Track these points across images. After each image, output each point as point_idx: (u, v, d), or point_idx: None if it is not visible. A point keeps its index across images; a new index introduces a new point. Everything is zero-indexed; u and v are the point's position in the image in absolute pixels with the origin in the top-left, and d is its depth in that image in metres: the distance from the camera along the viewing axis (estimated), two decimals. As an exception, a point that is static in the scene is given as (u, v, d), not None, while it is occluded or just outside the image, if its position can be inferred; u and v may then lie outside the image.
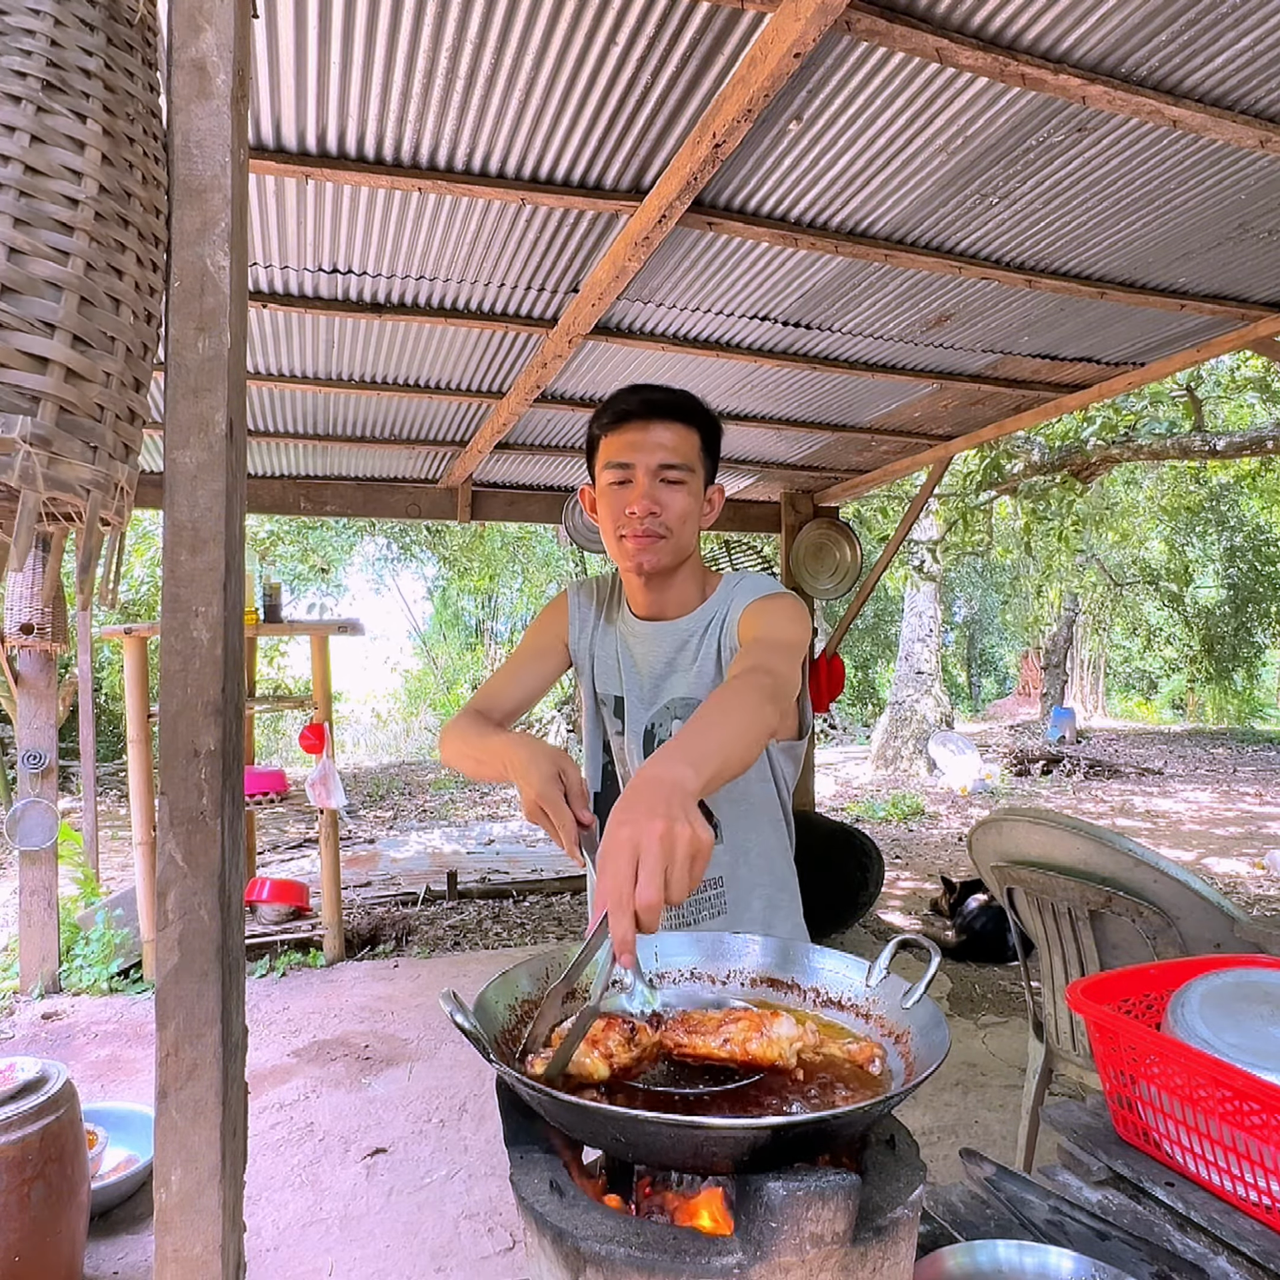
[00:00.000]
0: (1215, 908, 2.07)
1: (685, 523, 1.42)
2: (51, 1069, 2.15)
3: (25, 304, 0.72)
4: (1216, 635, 18.08)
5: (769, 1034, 0.86)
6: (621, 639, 1.53)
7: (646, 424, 1.39)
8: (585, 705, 1.56)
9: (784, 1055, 0.86)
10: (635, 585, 1.50)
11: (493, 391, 3.56)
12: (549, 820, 1.12)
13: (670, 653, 1.48)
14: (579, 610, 1.57)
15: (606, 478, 1.42)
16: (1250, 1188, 0.99)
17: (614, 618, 1.55)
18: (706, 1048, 0.87)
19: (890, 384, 3.57)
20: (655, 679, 1.48)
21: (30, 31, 0.74)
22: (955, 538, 9.56)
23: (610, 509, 1.43)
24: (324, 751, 4.57)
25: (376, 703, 17.22)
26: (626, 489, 1.40)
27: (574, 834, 1.11)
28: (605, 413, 1.44)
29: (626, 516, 1.40)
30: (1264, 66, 1.76)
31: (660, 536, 1.40)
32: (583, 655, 1.56)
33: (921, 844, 7.98)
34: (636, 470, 1.39)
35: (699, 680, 1.44)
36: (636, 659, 1.51)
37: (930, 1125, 3.10)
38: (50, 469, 0.72)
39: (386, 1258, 2.43)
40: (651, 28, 1.67)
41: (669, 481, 1.40)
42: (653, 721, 1.48)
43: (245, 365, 0.89)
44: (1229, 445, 6.53)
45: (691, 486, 1.42)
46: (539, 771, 1.14)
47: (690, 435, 1.42)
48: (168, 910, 0.79)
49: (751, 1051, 0.85)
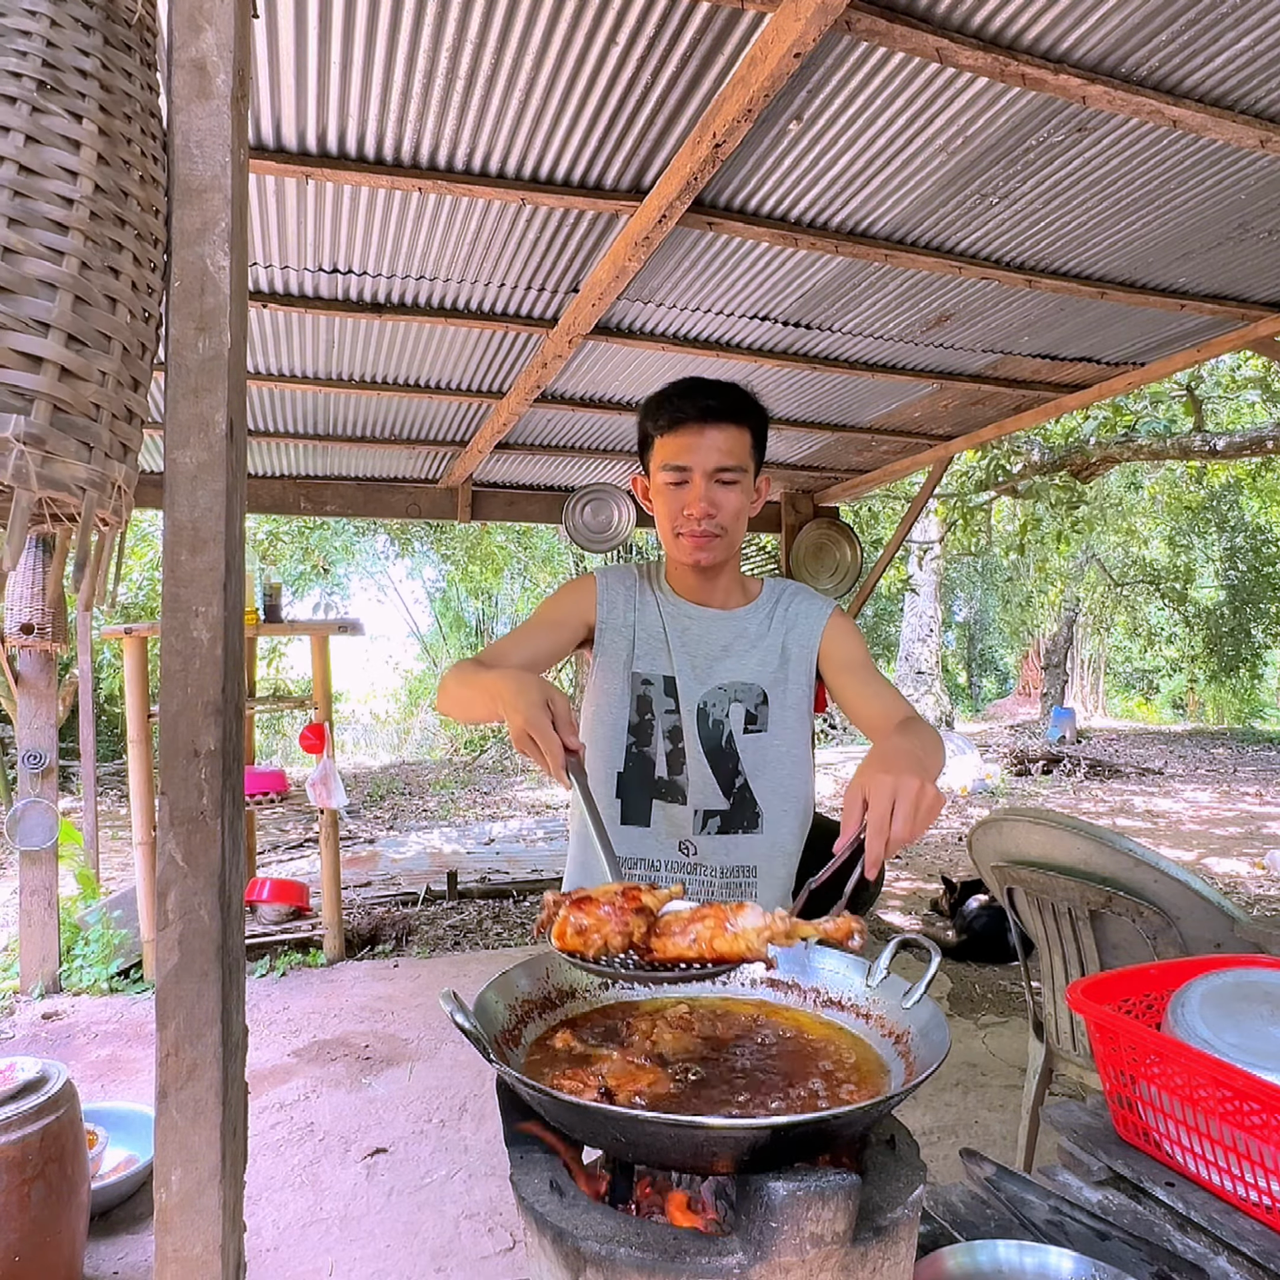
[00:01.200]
0: (1215, 908, 2.07)
1: (739, 519, 1.51)
2: (51, 1069, 2.15)
3: (19, 303, 0.72)
4: (1217, 635, 18.07)
5: (735, 928, 0.87)
6: (669, 620, 1.56)
7: (702, 428, 1.45)
8: (608, 688, 1.55)
9: (752, 946, 0.87)
10: (686, 572, 1.56)
11: (493, 391, 3.56)
12: (536, 747, 1.14)
13: (727, 639, 1.56)
14: (608, 592, 1.58)
15: (663, 478, 1.49)
16: (1250, 1188, 0.99)
17: (656, 600, 1.58)
18: (677, 949, 0.89)
19: (890, 384, 3.57)
20: (709, 660, 1.55)
21: (26, 33, 0.74)
22: (954, 538, 9.56)
23: (667, 507, 1.50)
24: (324, 751, 4.57)
25: (376, 703, 17.22)
26: (683, 489, 1.47)
27: (561, 759, 1.13)
28: (660, 414, 1.49)
29: (684, 517, 1.48)
30: (1264, 66, 1.76)
31: (716, 536, 1.49)
32: (617, 636, 1.55)
33: (921, 844, 7.98)
34: (693, 473, 1.46)
35: (761, 669, 1.54)
36: (688, 640, 1.55)
37: (930, 1125, 3.10)
38: (44, 468, 0.72)
39: (386, 1258, 2.43)
40: (651, 28, 1.67)
41: (724, 482, 1.47)
42: (705, 700, 1.53)
43: (245, 365, 0.89)
44: (1229, 445, 6.53)
45: (744, 484, 1.49)
46: (526, 699, 1.16)
47: (743, 436, 1.48)
48: (168, 910, 0.79)
49: (719, 949, 0.87)
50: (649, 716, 1.53)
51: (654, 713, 1.53)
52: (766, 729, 1.53)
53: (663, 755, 1.52)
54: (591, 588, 1.58)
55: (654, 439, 1.50)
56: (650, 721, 1.53)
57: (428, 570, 17.67)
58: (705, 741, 1.51)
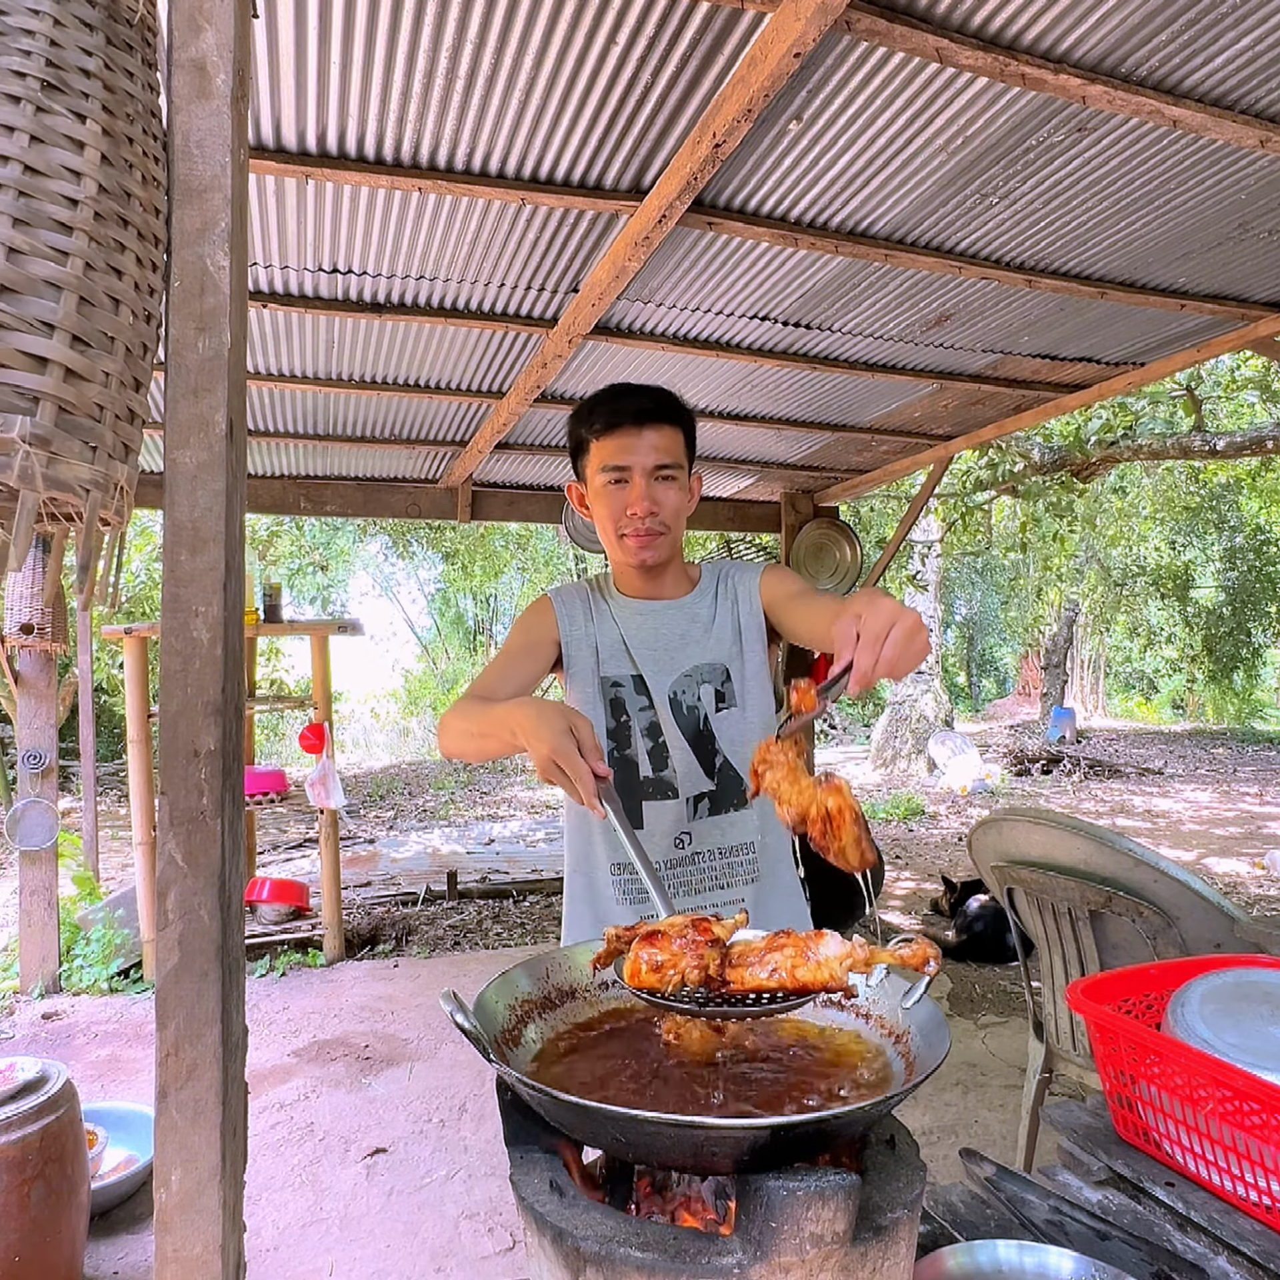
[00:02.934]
0: (1215, 908, 2.07)
1: (679, 516, 1.56)
2: (51, 1069, 2.15)
3: (24, 304, 0.72)
4: (1217, 635, 18.06)
5: (816, 957, 0.86)
6: (623, 623, 1.60)
7: (639, 429, 1.50)
8: (581, 699, 1.58)
9: (835, 975, 0.85)
10: (632, 573, 1.60)
11: (493, 391, 3.56)
12: (565, 776, 1.13)
13: (683, 626, 1.60)
14: (565, 607, 1.63)
15: (602, 479, 1.52)
16: (1250, 1188, 0.99)
17: (609, 608, 1.62)
18: (755, 980, 0.86)
19: (890, 384, 3.57)
20: (670, 650, 1.58)
21: (30, 32, 0.74)
22: (955, 538, 9.55)
23: (609, 509, 1.53)
24: (324, 751, 4.57)
25: (376, 703, 17.22)
26: (623, 489, 1.51)
27: (592, 786, 1.12)
28: (595, 418, 1.53)
29: (628, 517, 1.51)
30: (1264, 66, 1.76)
31: (660, 534, 1.53)
32: (581, 646, 1.59)
33: (921, 844, 7.98)
34: (633, 472, 1.50)
35: (718, 646, 1.58)
36: (645, 636, 1.59)
37: (930, 1125, 3.10)
38: (49, 469, 0.72)
39: (386, 1258, 2.43)
40: (651, 28, 1.67)
41: (663, 478, 1.51)
42: (675, 689, 1.56)
43: (245, 365, 0.89)
44: (1229, 445, 6.53)
45: (681, 481, 1.54)
46: (550, 728, 1.15)
47: (677, 435, 1.54)
48: (168, 910, 0.79)
49: (801, 978, 0.85)
50: (625, 718, 1.56)
51: (629, 713, 1.56)
52: (736, 704, 1.56)
53: (644, 754, 1.55)
54: (550, 608, 1.62)
55: (590, 443, 1.54)
56: (627, 723, 1.56)
57: (427, 571, 17.68)
58: (685, 729, 1.54)
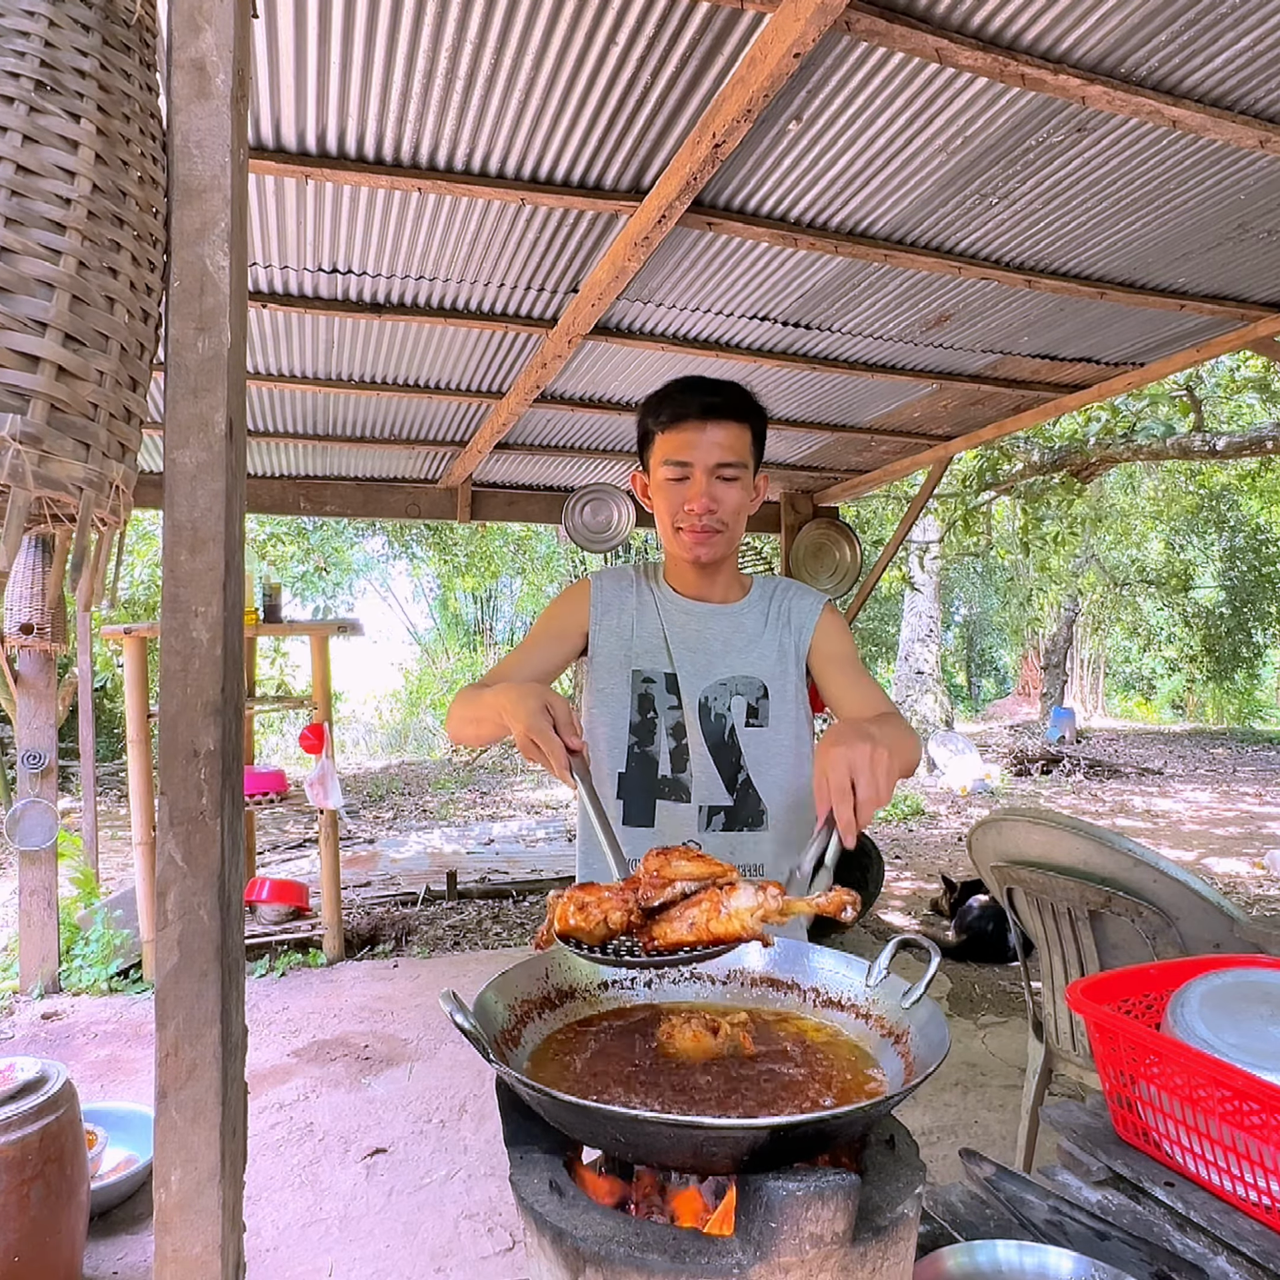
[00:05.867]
0: (1215, 908, 2.07)
1: (739, 515, 1.52)
2: (51, 1069, 2.15)
3: (16, 303, 0.72)
4: (1216, 635, 18.06)
5: (728, 909, 0.89)
6: (667, 617, 1.57)
7: (703, 424, 1.46)
8: (608, 689, 1.55)
9: (746, 925, 0.88)
10: (684, 568, 1.57)
11: (492, 391, 3.56)
12: (541, 752, 1.16)
13: (726, 633, 1.57)
14: (602, 595, 1.59)
15: (664, 473, 1.50)
16: (1250, 1188, 0.99)
17: (654, 599, 1.59)
18: (677, 935, 0.91)
19: (890, 384, 3.57)
20: (710, 655, 1.55)
21: (24, 33, 0.74)
22: (954, 538, 9.55)
23: (668, 503, 1.51)
24: (323, 751, 4.57)
25: (376, 703, 17.20)
26: (684, 485, 1.48)
27: (564, 759, 1.15)
28: (661, 410, 1.50)
29: (685, 512, 1.49)
30: (1264, 66, 1.76)
31: (717, 531, 1.50)
32: (611, 636, 1.56)
33: (921, 844, 7.98)
34: (694, 469, 1.47)
35: (760, 661, 1.55)
36: (688, 636, 1.56)
37: (930, 1125, 3.10)
38: (41, 467, 0.72)
39: (386, 1258, 2.42)
40: (651, 28, 1.67)
41: (725, 478, 1.48)
42: (707, 695, 1.53)
43: (245, 365, 0.89)
44: (1229, 445, 6.53)
45: (744, 481, 1.50)
46: (526, 707, 1.18)
47: (744, 433, 1.50)
48: (167, 910, 0.79)
49: (715, 931, 0.89)
50: (651, 715, 1.54)
51: (656, 710, 1.54)
52: (767, 724, 1.53)
53: (666, 753, 1.53)
54: (585, 593, 1.60)
55: (655, 435, 1.51)
56: (653, 720, 1.54)
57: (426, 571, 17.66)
58: (709, 736, 1.52)
